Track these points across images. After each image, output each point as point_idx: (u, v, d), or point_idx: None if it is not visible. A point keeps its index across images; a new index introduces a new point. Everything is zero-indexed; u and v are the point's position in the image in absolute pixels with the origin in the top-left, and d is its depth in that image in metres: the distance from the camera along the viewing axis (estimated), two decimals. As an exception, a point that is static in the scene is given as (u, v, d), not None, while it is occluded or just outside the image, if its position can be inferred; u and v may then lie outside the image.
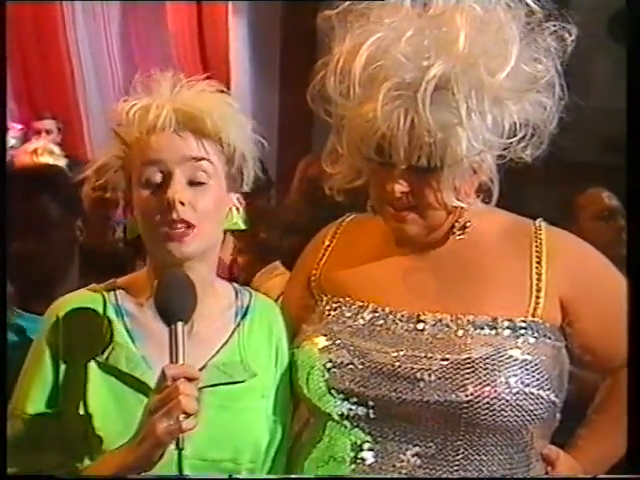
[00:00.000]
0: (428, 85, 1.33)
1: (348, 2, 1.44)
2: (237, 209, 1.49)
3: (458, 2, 1.39)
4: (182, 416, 1.24)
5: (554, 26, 1.42)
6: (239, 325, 1.50)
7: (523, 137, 1.42)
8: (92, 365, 1.42)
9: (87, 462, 1.39)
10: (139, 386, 1.40)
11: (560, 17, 1.42)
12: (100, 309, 1.46)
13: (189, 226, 1.38)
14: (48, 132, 6.09)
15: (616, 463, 1.54)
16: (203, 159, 1.40)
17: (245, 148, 1.45)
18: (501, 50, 1.38)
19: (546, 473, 1.49)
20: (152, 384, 1.37)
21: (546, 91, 1.42)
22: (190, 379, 1.27)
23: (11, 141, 5.75)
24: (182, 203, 1.37)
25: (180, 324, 1.30)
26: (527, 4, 1.41)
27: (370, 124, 1.38)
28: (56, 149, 4.75)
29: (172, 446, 1.26)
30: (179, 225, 1.38)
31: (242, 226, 1.50)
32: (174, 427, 1.24)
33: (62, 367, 1.43)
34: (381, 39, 1.38)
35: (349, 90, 1.41)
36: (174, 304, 1.32)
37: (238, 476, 1.42)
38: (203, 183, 1.40)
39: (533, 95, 1.41)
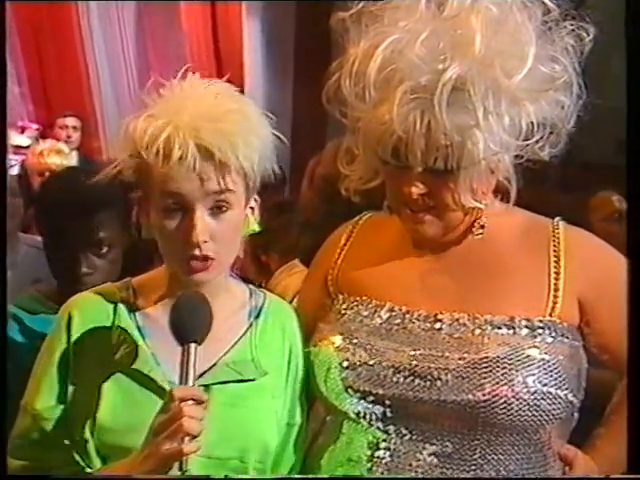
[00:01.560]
0: (444, 88, 1.33)
1: (362, 4, 1.43)
2: (252, 211, 1.47)
3: (473, 3, 1.38)
4: (186, 439, 1.24)
5: (571, 25, 1.41)
6: (252, 325, 1.50)
7: (541, 137, 1.42)
8: (102, 363, 1.42)
9: (95, 459, 1.40)
10: (147, 383, 1.41)
11: (577, 16, 1.41)
12: (112, 308, 1.47)
13: (210, 259, 1.38)
14: (75, 128, 6.13)
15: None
16: (225, 191, 1.37)
17: (264, 158, 1.41)
18: (517, 51, 1.37)
19: (563, 473, 1.49)
20: (160, 381, 1.39)
21: (564, 90, 1.42)
22: (197, 402, 1.26)
23: (27, 141, 5.79)
24: (205, 241, 1.36)
25: (193, 345, 1.30)
26: (543, 3, 1.40)
27: (386, 127, 1.37)
28: (64, 147, 4.75)
29: (176, 468, 1.26)
30: (201, 259, 1.37)
31: (257, 229, 1.48)
32: (176, 450, 1.24)
33: (71, 365, 1.44)
34: (396, 41, 1.38)
35: (364, 92, 1.41)
36: (189, 325, 1.32)
37: (242, 476, 1.42)
38: (224, 211, 1.38)
39: (551, 94, 1.41)
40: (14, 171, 4.72)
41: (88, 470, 1.40)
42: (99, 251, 1.93)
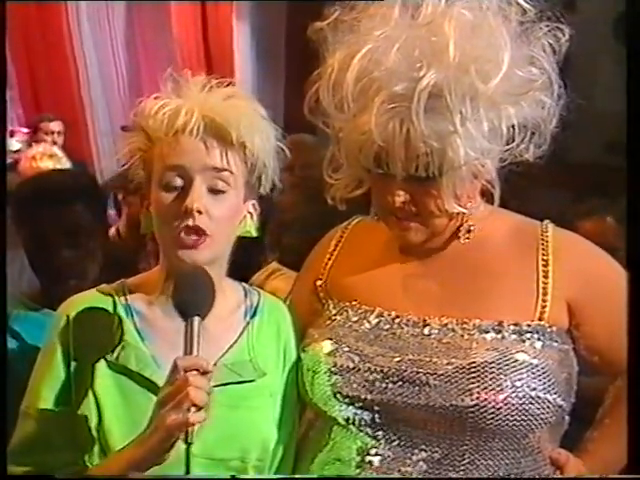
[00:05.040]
0: (421, 95, 1.33)
1: (338, 13, 1.43)
2: (251, 215, 1.49)
3: (447, 9, 1.38)
4: (193, 409, 1.23)
5: (547, 26, 1.41)
6: (248, 324, 1.51)
7: (523, 138, 1.42)
8: (102, 364, 1.43)
9: (97, 460, 1.40)
10: (148, 385, 1.41)
11: (553, 17, 1.42)
12: (110, 309, 1.47)
13: (203, 234, 1.39)
14: (59, 133, 6.08)
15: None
16: (225, 170, 1.41)
17: (267, 157, 1.45)
18: (493, 55, 1.37)
19: None
20: (161, 383, 1.37)
21: (544, 90, 1.42)
22: (203, 372, 1.27)
23: (17, 145, 5.77)
24: (199, 212, 1.38)
25: (197, 319, 1.30)
26: (519, 4, 1.40)
27: (366, 136, 1.38)
28: (58, 152, 4.73)
29: (181, 440, 1.26)
30: (193, 232, 1.39)
31: (254, 234, 1.50)
32: (182, 419, 1.23)
33: (73, 366, 1.44)
34: (372, 51, 1.38)
35: (343, 103, 1.41)
36: (192, 299, 1.33)
37: (242, 476, 1.42)
38: (222, 192, 1.41)
39: (530, 95, 1.41)
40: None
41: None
42: (76, 241, 1.95)
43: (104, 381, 1.42)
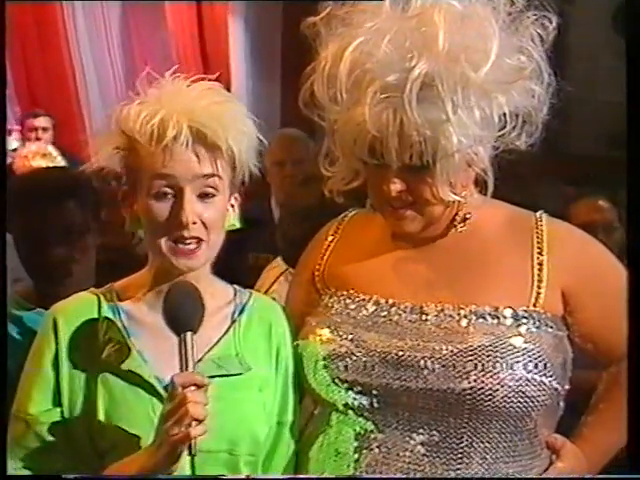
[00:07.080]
0: (413, 85, 1.35)
1: (330, 7, 1.45)
2: (233, 208, 1.50)
3: (436, 0, 1.40)
4: (194, 423, 1.27)
5: (535, 15, 1.43)
6: (235, 321, 1.52)
7: (514, 126, 1.44)
8: (90, 363, 1.44)
9: (93, 461, 1.42)
10: (134, 379, 1.42)
11: (540, 6, 1.44)
12: (96, 309, 1.48)
13: (199, 242, 1.41)
14: (45, 129, 5.91)
15: (616, 462, 1.55)
16: (214, 175, 1.42)
17: (249, 153, 1.46)
18: (482, 45, 1.39)
19: (551, 462, 1.51)
20: (147, 377, 1.42)
21: (533, 78, 1.44)
22: (199, 386, 1.30)
23: (14, 143, 5.75)
24: (194, 222, 1.39)
25: (189, 334, 1.33)
26: None
27: (360, 127, 1.40)
28: (52, 150, 4.68)
29: (185, 452, 1.30)
30: (189, 241, 1.40)
31: (238, 225, 1.52)
32: (184, 434, 1.27)
33: (62, 368, 1.45)
34: (364, 43, 1.40)
35: (337, 95, 1.43)
36: (183, 315, 1.35)
37: (255, 476, 1.45)
38: (211, 197, 1.42)
39: (520, 84, 1.43)
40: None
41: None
42: (69, 239, 1.95)
43: (92, 381, 1.43)
